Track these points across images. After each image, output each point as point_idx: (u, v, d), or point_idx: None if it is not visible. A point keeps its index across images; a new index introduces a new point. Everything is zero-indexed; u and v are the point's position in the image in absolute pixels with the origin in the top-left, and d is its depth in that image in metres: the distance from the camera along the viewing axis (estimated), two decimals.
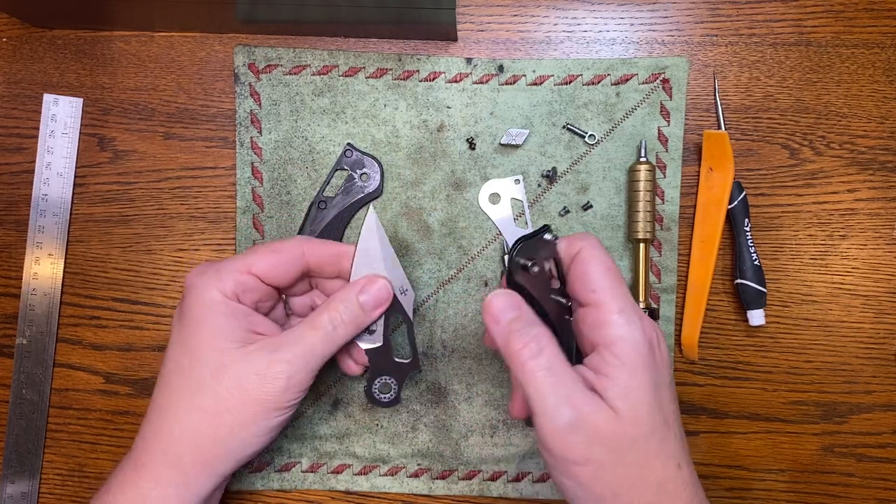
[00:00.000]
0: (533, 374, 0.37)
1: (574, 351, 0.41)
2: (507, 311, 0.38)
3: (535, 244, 0.41)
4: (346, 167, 0.50)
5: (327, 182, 0.50)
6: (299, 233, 0.50)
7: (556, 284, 0.41)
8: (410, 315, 0.46)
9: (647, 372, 0.37)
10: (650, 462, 0.37)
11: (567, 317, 0.40)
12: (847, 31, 0.51)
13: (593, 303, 0.38)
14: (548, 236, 0.41)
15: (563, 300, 0.40)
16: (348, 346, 0.45)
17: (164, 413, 0.41)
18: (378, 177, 0.51)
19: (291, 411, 0.42)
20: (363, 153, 0.51)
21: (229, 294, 0.40)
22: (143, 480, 0.40)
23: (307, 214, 0.50)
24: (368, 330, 0.45)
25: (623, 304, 0.38)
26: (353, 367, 0.47)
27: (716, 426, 0.51)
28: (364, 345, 0.45)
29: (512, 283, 0.41)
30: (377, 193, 0.51)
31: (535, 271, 0.40)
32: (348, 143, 0.51)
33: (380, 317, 0.44)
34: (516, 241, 0.41)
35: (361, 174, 0.50)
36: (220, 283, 0.40)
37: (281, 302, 0.46)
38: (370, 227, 0.44)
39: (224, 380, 0.39)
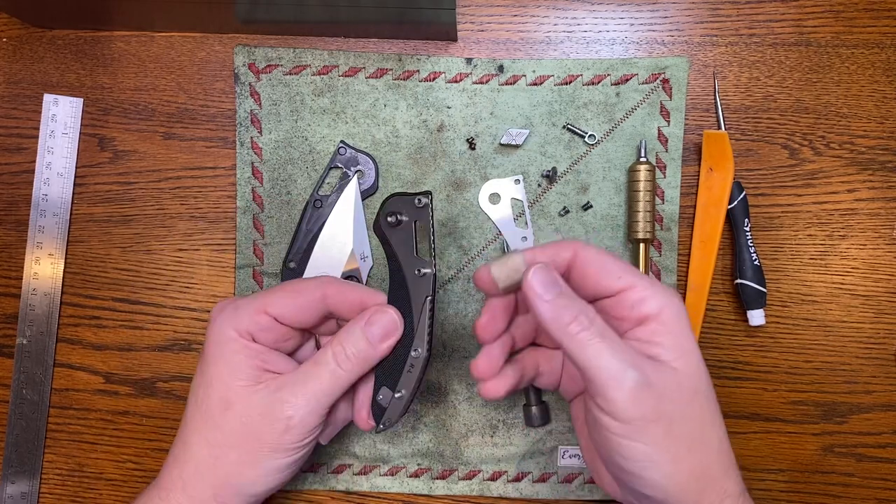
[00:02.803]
0: (589, 344, 0.36)
1: (431, 314, 0.42)
2: (551, 286, 0.37)
3: (406, 203, 0.42)
4: (339, 165, 0.51)
5: (322, 180, 0.51)
6: (295, 232, 0.50)
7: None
8: (364, 280, 0.50)
9: (690, 333, 0.38)
10: (713, 414, 0.38)
11: (419, 275, 0.42)
12: (847, 31, 0.51)
13: (623, 287, 0.38)
14: (424, 200, 0.42)
15: (426, 263, 0.42)
16: (366, 396, 0.44)
17: (181, 442, 0.41)
18: (373, 173, 0.51)
19: (299, 453, 0.41)
20: (357, 150, 0.51)
21: (243, 333, 0.40)
22: (162, 503, 0.41)
23: (303, 213, 0.50)
24: None
25: (650, 280, 0.39)
26: (369, 423, 0.44)
27: None
28: None
29: (377, 231, 0.43)
30: (373, 190, 0.51)
31: (392, 222, 0.42)
32: (341, 141, 0.51)
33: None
34: (391, 195, 0.43)
35: (356, 171, 0.50)
36: (235, 322, 0.40)
37: (311, 339, 0.45)
38: (350, 191, 0.49)
39: (229, 417, 0.40)
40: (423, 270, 0.42)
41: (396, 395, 0.42)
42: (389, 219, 0.42)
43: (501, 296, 0.41)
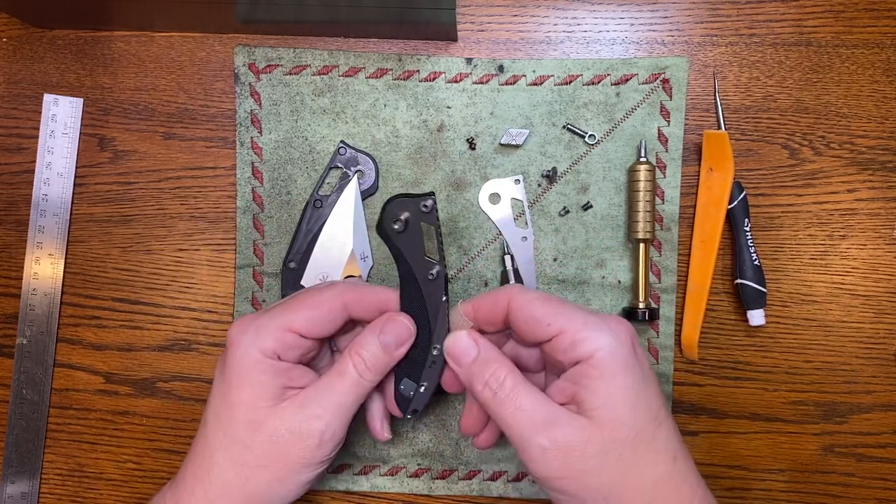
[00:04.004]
0: (496, 410, 0.39)
1: (447, 312, 0.43)
2: (465, 352, 0.41)
3: (410, 206, 0.43)
4: (340, 165, 0.51)
5: (322, 180, 0.51)
6: (295, 232, 0.50)
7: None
8: (364, 279, 0.50)
9: (628, 374, 0.37)
10: (640, 461, 0.37)
11: (431, 278, 0.43)
12: (847, 31, 0.51)
13: (555, 333, 0.39)
14: (429, 202, 0.43)
15: (436, 265, 0.43)
16: (378, 408, 0.46)
17: (203, 461, 0.41)
18: (373, 174, 0.51)
19: (326, 465, 0.42)
20: (357, 150, 0.51)
21: (269, 353, 0.40)
22: None
23: (303, 213, 0.50)
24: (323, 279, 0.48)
25: (585, 318, 0.38)
26: (385, 434, 0.46)
27: (716, 426, 0.51)
28: None
29: (382, 234, 0.43)
30: (373, 190, 0.51)
31: (399, 229, 0.43)
32: (341, 141, 0.51)
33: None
34: (393, 197, 0.43)
35: (356, 171, 0.50)
36: (259, 343, 0.40)
37: (327, 345, 0.46)
38: (350, 191, 0.49)
39: (258, 436, 0.40)
40: (434, 272, 0.42)
41: (421, 389, 0.43)
42: (396, 225, 0.42)
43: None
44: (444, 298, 0.42)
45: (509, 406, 0.38)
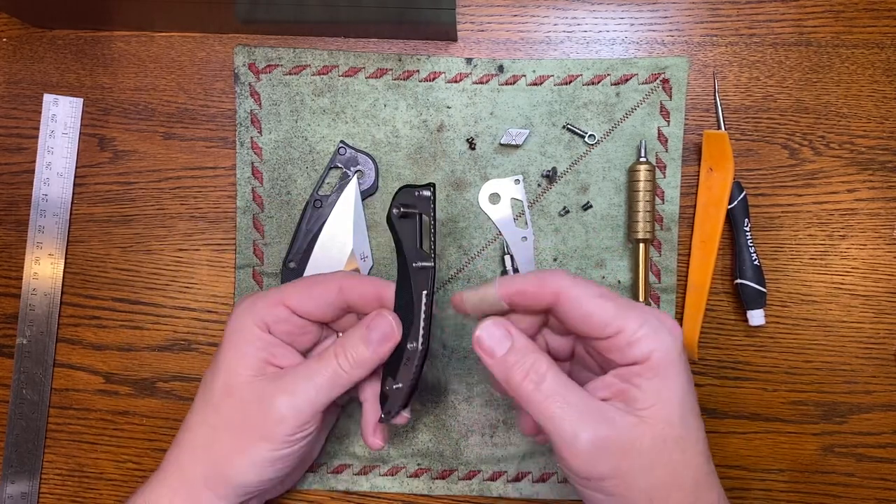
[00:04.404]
0: (540, 405, 0.36)
1: (430, 308, 0.41)
2: (499, 343, 0.38)
3: (413, 194, 0.42)
4: (340, 165, 0.51)
5: (322, 180, 0.51)
6: (295, 232, 0.50)
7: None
8: None
9: (680, 375, 0.37)
10: (687, 460, 0.36)
11: (416, 267, 0.41)
12: (847, 31, 0.51)
13: (613, 332, 0.37)
14: (426, 192, 0.42)
15: (426, 256, 0.41)
16: (371, 415, 0.44)
17: (184, 425, 0.43)
18: (373, 173, 0.51)
19: (290, 447, 0.41)
20: (357, 150, 0.51)
21: (259, 323, 0.41)
22: (160, 486, 0.42)
23: (303, 213, 0.50)
24: None
25: (643, 317, 0.37)
26: (375, 441, 0.44)
27: (716, 426, 0.51)
28: None
29: (388, 221, 0.43)
30: (373, 190, 0.51)
31: (398, 214, 0.42)
32: (341, 141, 0.51)
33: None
34: (402, 187, 0.43)
35: (356, 171, 0.50)
36: (253, 312, 0.41)
37: (331, 337, 0.46)
38: (350, 191, 0.49)
39: (228, 402, 0.41)
40: (421, 264, 0.41)
41: (395, 387, 0.42)
42: (395, 210, 0.43)
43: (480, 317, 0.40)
44: (424, 292, 0.41)
45: (556, 400, 0.36)
